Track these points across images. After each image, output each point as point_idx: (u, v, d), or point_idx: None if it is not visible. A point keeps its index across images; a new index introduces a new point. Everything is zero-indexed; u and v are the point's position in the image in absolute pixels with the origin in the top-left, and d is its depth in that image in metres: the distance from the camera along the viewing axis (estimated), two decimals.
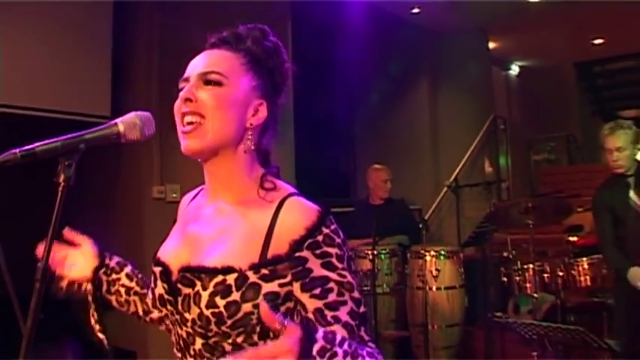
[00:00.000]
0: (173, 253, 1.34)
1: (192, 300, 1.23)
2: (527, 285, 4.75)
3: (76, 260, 1.52)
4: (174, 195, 4.78)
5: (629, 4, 7.50)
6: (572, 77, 12.27)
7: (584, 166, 10.60)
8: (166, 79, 4.79)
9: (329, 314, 1.19)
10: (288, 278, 1.20)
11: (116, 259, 1.58)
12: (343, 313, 1.19)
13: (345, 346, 1.08)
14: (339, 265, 1.21)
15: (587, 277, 4.73)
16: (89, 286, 1.50)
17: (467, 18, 7.77)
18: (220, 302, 1.19)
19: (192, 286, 1.24)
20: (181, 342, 1.29)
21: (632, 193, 3.68)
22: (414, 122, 8.26)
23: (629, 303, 3.61)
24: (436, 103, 8.46)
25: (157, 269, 1.34)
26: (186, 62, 1.34)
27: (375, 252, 4.72)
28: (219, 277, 1.21)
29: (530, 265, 4.69)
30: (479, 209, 6.91)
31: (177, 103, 1.29)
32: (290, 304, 1.23)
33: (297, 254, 1.20)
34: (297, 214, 1.22)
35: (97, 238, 1.59)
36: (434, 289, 4.93)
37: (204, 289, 1.21)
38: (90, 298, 1.50)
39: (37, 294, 1.14)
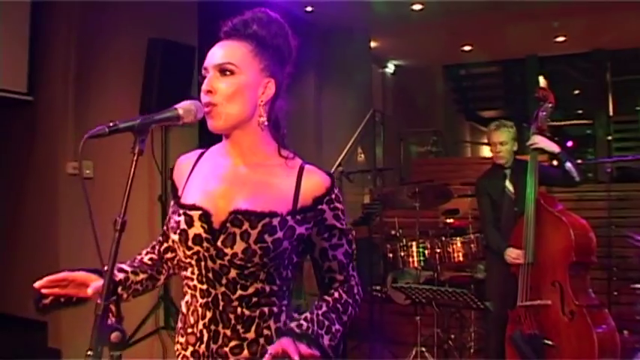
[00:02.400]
0: (214, 200, 1.60)
1: (238, 237, 1.53)
2: (410, 259, 5.43)
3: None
4: (87, 171, 4.92)
5: (497, 16, 8.44)
6: (441, 78, 13.33)
7: (450, 159, 11.60)
8: (83, 59, 4.96)
9: (330, 252, 1.66)
10: (311, 224, 1.63)
11: (120, 269, 1.73)
12: (339, 253, 1.66)
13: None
14: (342, 217, 1.67)
15: (460, 254, 5.48)
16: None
17: (354, 19, 8.38)
18: (268, 239, 1.52)
19: (241, 225, 1.53)
20: (210, 274, 1.57)
21: (507, 183, 4.39)
22: (300, 115, 8.75)
23: (501, 273, 4.31)
24: (321, 97, 9.00)
25: (196, 213, 1.58)
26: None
27: None
28: (267, 219, 1.54)
29: (414, 242, 5.36)
30: (357, 194, 7.52)
31: (202, 90, 1.61)
32: (304, 247, 1.65)
33: (318, 207, 1.63)
34: (317, 177, 1.64)
35: (10, 212, 1.71)
36: None
37: (253, 228, 1.52)
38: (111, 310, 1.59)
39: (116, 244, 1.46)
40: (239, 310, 1.57)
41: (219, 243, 1.55)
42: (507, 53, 11.28)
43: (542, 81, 12.06)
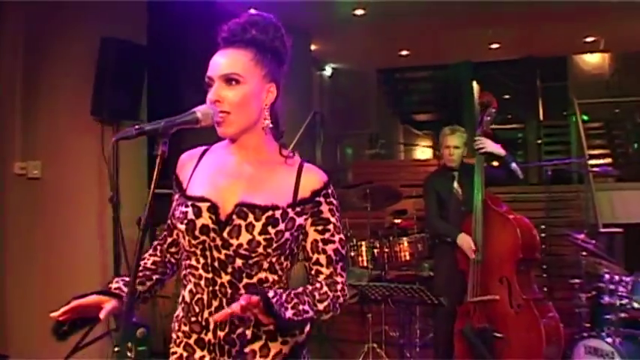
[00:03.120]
0: (221, 193, 1.68)
1: (244, 228, 1.62)
2: (360, 259, 5.57)
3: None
4: (35, 172, 4.85)
5: (435, 23, 8.71)
6: (376, 82, 13.59)
7: (387, 161, 11.86)
8: (31, 59, 4.87)
9: (321, 246, 1.74)
10: (308, 215, 1.72)
11: (126, 282, 1.73)
12: (329, 249, 1.75)
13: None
14: (337, 214, 1.77)
15: (407, 253, 5.67)
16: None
17: (296, 21, 8.46)
18: (271, 230, 1.63)
19: (246, 217, 1.63)
20: (216, 263, 1.65)
21: (455, 184, 4.58)
22: None
23: (449, 271, 4.50)
24: None
25: (204, 204, 1.66)
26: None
27: None
28: (270, 212, 1.64)
29: (363, 242, 5.50)
30: None
31: (209, 100, 1.68)
32: (302, 237, 1.74)
33: (315, 199, 1.72)
34: (316, 173, 1.76)
35: None
36: None
37: (257, 220, 1.63)
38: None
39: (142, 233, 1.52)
40: None
41: (225, 234, 1.64)
42: (443, 58, 11.62)
43: (475, 86, 12.50)
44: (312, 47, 9.91)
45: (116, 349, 1.42)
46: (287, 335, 1.69)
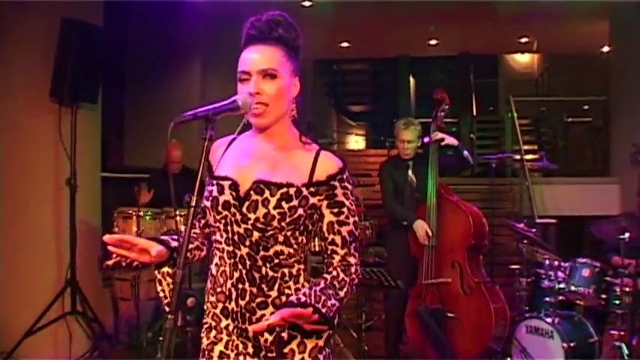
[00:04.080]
0: (242, 172, 1.84)
1: (260, 203, 1.77)
2: (312, 244, 5.72)
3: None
4: None
5: (378, 16, 8.96)
6: (314, 72, 13.77)
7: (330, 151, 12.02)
8: None
9: (336, 227, 1.89)
10: (323, 196, 1.87)
11: (174, 238, 1.91)
12: (344, 230, 1.89)
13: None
14: (351, 198, 1.92)
15: None
16: (167, 269, 1.91)
17: (242, 5, 8.51)
18: (285, 205, 1.77)
19: (262, 193, 1.78)
20: (236, 237, 1.80)
21: (410, 172, 4.82)
22: (184, 104, 8.74)
23: (402, 255, 4.73)
24: (206, 85, 9.03)
25: (226, 182, 1.83)
26: None
27: (183, 213, 5.26)
28: (284, 189, 1.79)
29: None
30: None
31: (245, 91, 1.82)
32: (316, 217, 1.88)
33: (331, 182, 1.87)
34: (332, 159, 1.89)
35: None
36: None
37: (272, 195, 1.78)
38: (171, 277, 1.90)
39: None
40: (263, 269, 1.82)
41: (244, 209, 1.80)
42: (382, 52, 11.91)
43: (411, 80, 12.87)
44: None
45: (170, 316, 1.55)
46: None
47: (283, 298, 1.82)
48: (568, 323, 4.36)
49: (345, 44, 11.06)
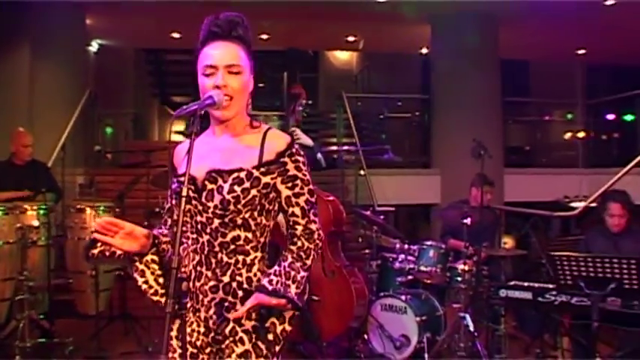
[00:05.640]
0: (199, 167, 1.95)
1: (215, 191, 1.93)
2: None
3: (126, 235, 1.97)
4: None
5: (210, 8, 8.97)
6: (139, 61, 13.44)
7: (156, 142, 11.84)
8: None
9: (293, 200, 2.02)
10: (275, 175, 2.00)
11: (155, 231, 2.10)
12: (302, 200, 2.03)
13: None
14: (303, 169, 2.04)
15: None
16: (151, 257, 2.05)
17: None
18: (237, 189, 1.92)
19: (215, 182, 1.93)
20: (199, 226, 1.95)
21: None
22: (12, 91, 8.29)
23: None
24: (35, 72, 8.55)
25: (186, 179, 1.89)
26: None
27: (36, 207, 5.02)
28: (235, 174, 1.94)
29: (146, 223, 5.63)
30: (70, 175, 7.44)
31: (210, 85, 1.94)
32: (273, 195, 2.01)
33: (280, 159, 2.00)
34: (279, 136, 2.04)
35: None
36: None
37: (225, 182, 1.92)
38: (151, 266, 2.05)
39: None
40: (219, 255, 1.96)
41: (202, 199, 1.95)
42: None
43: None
44: (88, 22, 9.60)
45: (170, 301, 1.68)
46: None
47: (234, 285, 1.95)
48: (417, 299, 4.84)
49: (176, 35, 10.93)
